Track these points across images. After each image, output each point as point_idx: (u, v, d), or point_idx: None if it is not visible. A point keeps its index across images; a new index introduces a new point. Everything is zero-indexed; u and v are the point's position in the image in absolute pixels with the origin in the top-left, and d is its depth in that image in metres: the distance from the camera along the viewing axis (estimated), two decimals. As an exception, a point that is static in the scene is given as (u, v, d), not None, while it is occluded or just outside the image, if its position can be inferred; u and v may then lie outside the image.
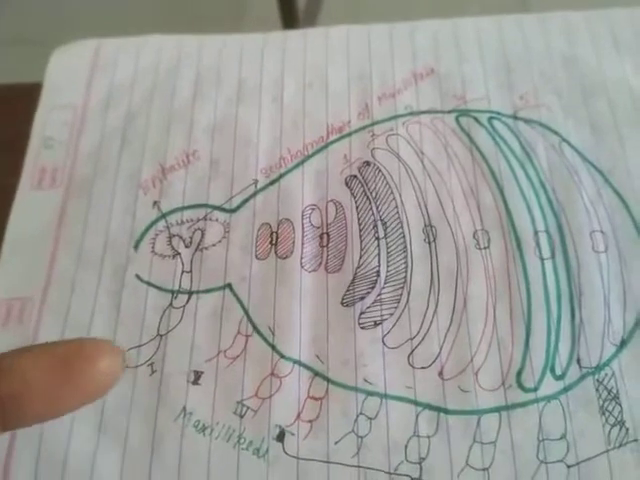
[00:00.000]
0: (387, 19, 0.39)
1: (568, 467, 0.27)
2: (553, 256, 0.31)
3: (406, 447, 0.27)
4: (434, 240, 0.32)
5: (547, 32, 0.37)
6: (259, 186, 0.34)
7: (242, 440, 0.28)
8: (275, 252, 0.32)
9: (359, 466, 0.27)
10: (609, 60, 0.36)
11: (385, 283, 0.31)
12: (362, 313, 0.30)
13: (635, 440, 0.27)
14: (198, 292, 0.31)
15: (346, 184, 0.34)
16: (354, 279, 0.31)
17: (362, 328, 0.30)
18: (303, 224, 0.33)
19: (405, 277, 0.31)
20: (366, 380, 0.29)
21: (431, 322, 0.30)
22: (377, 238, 0.32)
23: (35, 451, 0.28)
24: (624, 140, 0.33)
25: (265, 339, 0.30)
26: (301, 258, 0.32)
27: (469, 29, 0.38)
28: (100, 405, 0.29)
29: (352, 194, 0.33)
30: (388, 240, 0.32)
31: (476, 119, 0.35)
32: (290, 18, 1.03)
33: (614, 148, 0.33)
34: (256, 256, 0.32)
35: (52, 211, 0.34)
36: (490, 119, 0.34)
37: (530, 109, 0.35)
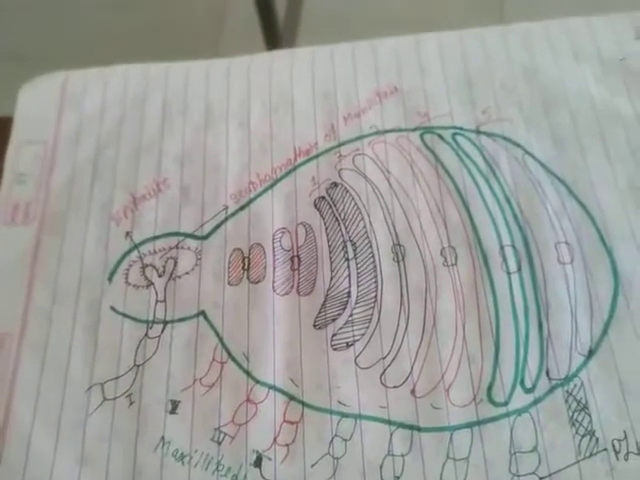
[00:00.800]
0: (368, 31, 0.39)
1: (540, 479, 0.27)
2: (520, 270, 0.31)
3: (381, 467, 0.28)
4: (403, 259, 0.32)
5: (508, 44, 0.38)
6: (229, 212, 0.34)
7: (220, 467, 0.28)
8: (247, 277, 0.32)
9: (336, 488, 0.28)
10: (569, 70, 0.37)
11: (356, 304, 0.31)
12: (334, 335, 0.31)
13: (605, 449, 0.28)
14: (172, 321, 0.31)
15: (315, 206, 0.34)
16: (325, 301, 0.31)
17: (335, 350, 0.30)
18: (274, 248, 0.33)
19: (375, 297, 0.31)
20: (340, 402, 0.29)
21: (402, 341, 0.30)
22: (347, 259, 0.32)
23: (18, 486, 0.29)
24: (586, 151, 0.34)
25: (240, 365, 0.30)
26: (273, 282, 0.32)
27: (431, 45, 0.38)
28: (80, 437, 0.29)
29: (321, 216, 0.34)
30: (358, 260, 0.32)
31: (440, 136, 0.35)
32: (271, 32, 1.03)
33: (577, 159, 0.34)
34: (229, 282, 0.32)
35: (26, 246, 0.34)
36: (454, 135, 0.35)
37: (492, 123, 0.35)
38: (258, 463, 0.28)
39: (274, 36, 1.05)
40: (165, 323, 0.31)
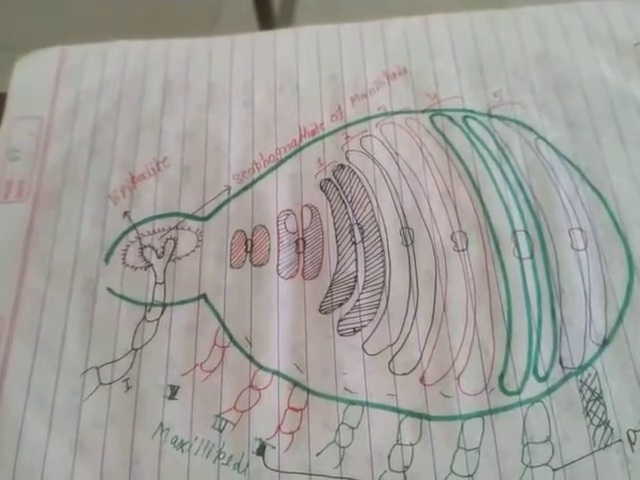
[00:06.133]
0: (364, 17, 0.38)
1: (553, 470, 0.26)
2: (532, 256, 0.30)
3: (389, 456, 0.27)
4: (412, 243, 0.31)
5: (519, 28, 0.37)
6: (232, 192, 0.33)
7: (222, 455, 0.27)
8: (250, 260, 0.31)
9: (342, 477, 0.27)
10: (582, 54, 0.36)
11: (363, 288, 0.30)
12: (341, 320, 0.30)
13: (620, 440, 0.27)
14: (172, 304, 0.30)
15: (321, 188, 0.33)
16: (332, 285, 0.30)
17: (341, 335, 0.29)
18: (278, 230, 0.32)
19: (383, 281, 0.30)
20: (347, 389, 0.28)
21: (411, 327, 0.29)
22: (354, 242, 0.31)
23: (10, 474, 0.27)
24: (600, 135, 0.33)
25: (242, 350, 0.29)
26: (277, 265, 0.31)
27: (440, 26, 0.37)
28: (75, 424, 0.28)
29: (327, 198, 0.33)
30: (365, 244, 0.31)
31: (450, 118, 0.34)
32: (266, 18, 1.02)
33: (590, 144, 0.33)
34: (231, 265, 0.31)
35: (20, 224, 0.33)
36: (465, 118, 0.34)
37: (504, 106, 0.34)
38: (261, 451, 0.27)
39: (270, 26, 1.04)
40: (164, 306, 0.30)
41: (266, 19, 1.04)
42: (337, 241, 0.31)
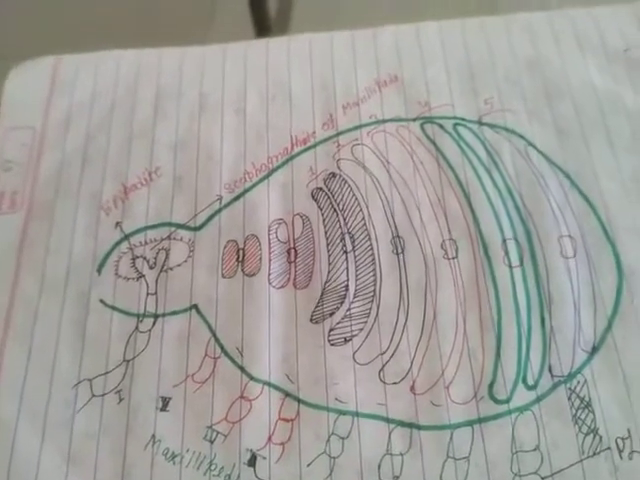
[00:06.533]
0: (360, 21, 0.38)
1: (542, 479, 0.26)
2: (522, 264, 0.31)
3: (379, 466, 0.27)
4: (402, 251, 0.31)
5: (510, 34, 0.37)
6: (224, 202, 0.33)
7: (213, 467, 0.27)
8: (242, 270, 0.31)
9: (333, 487, 0.27)
10: (573, 61, 0.36)
11: (354, 297, 0.30)
12: (332, 329, 0.30)
13: (608, 448, 0.27)
14: (164, 315, 0.30)
15: (312, 197, 0.33)
16: (323, 294, 0.31)
17: (332, 345, 0.29)
18: (270, 239, 0.32)
19: (374, 290, 0.31)
20: (337, 399, 0.28)
21: (401, 336, 0.29)
22: (345, 251, 0.31)
23: (3, 484, 0.28)
24: (589, 142, 0.33)
25: (233, 361, 0.29)
26: (269, 275, 0.31)
27: (432, 33, 0.37)
28: (68, 435, 0.28)
29: (319, 207, 0.33)
30: (356, 253, 0.31)
31: (441, 126, 0.34)
32: (261, 22, 1.02)
33: (580, 150, 0.33)
34: (222, 275, 0.31)
35: (13, 235, 0.33)
36: (455, 125, 0.34)
37: (495, 114, 0.34)
38: (252, 462, 0.27)
39: (265, 31, 1.04)
40: (156, 317, 0.30)
41: (262, 24, 1.04)
42: (328, 250, 0.32)
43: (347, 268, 0.31)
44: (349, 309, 0.30)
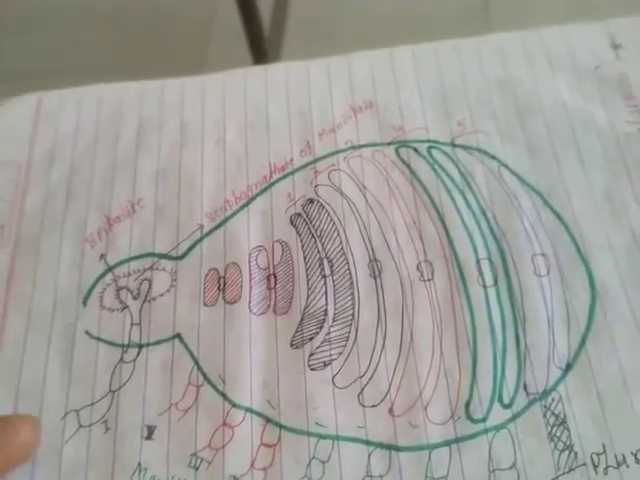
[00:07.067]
0: (353, 38, 0.39)
1: (519, 496, 0.27)
2: (496, 283, 0.31)
3: (359, 489, 0.28)
4: (379, 275, 0.32)
5: (482, 56, 0.38)
6: (205, 231, 0.34)
7: (198, 493, 0.28)
8: (223, 297, 0.32)
9: (314, 510, 0.27)
10: (544, 80, 0.36)
11: (333, 321, 0.31)
12: (311, 354, 0.30)
13: (584, 464, 0.27)
14: (148, 345, 0.31)
15: (291, 223, 0.34)
16: (302, 319, 0.31)
17: (312, 370, 0.30)
18: (250, 267, 0.33)
19: (353, 314, 0.31)
20: (318, 423, 0.29)
21: (379, 358, 0.30)
22: (324, 276, 0.32)
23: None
24: (561, 160, 0.34)
25: (216, 388, 0.30)
26: (249, 302, 0.32)
27: (405, 58, 0.38)
28: (57, 466, 0.29)
29: (297, 233, 0.33)
30: (334, 277, 0.32)
31: (415, 149, 0.35)
32: (256, 40, 1.03)
33: (552, 169, 0.34)
34: (204, 303, 0.32)
35: (0, 270, 0.34)
36: (429, 148, 0.35)
37: (468, 135, 0.35)
38: (236, 488, 0.28)
39: (260, 45, 1.05)
40: (140, 347, 0.31)
41: (255, 37, 1.05)
42: (307, 275, 0.32)
43: (326, 292, 0.32)
44: (328, 333, 0.31)
